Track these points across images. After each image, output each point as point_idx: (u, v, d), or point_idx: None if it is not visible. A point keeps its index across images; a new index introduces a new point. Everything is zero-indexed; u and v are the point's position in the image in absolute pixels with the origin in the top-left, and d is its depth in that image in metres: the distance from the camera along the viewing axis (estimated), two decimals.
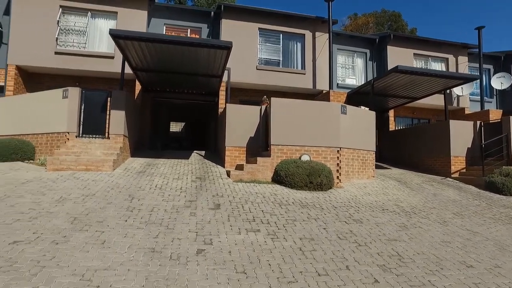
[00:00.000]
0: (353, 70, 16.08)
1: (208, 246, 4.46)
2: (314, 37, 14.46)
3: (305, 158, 8.99)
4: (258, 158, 8.74)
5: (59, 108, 9.05)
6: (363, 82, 15.95)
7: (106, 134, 9.30)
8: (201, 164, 10.05)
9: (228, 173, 8.86)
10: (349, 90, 13.89)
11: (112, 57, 12.15)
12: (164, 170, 8.88)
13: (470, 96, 16.97)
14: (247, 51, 13.43)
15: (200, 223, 5.29)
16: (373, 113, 10.83)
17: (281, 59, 14.13)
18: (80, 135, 9.14)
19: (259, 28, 13.79)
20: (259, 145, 10.07)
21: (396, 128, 16.37)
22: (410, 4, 63.55)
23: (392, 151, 14.62)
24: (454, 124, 11.81)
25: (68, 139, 8.91)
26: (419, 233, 5.88)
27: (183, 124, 26.19)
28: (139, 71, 10.49)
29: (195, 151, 12.67)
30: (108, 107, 9.25)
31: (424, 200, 8.53)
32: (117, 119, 9.17)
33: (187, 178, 8.16)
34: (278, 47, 14.17)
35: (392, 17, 33.22)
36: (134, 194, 6.50)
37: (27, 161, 9.08)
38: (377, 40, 15.90)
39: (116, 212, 5.43)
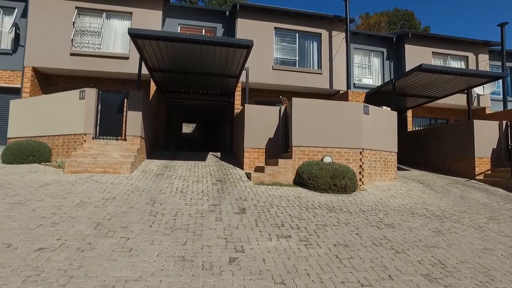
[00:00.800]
0: (369, 70, 15.72)
1: (240, 254, 4.20)
2: (330, 36, 14.16)
3: (327, 159, 8.70)
4: (279, 160, 8.47)
5: (76, 109, 8.91)
6: (379, 82, 15.61)
7: (123, 135, 9.13)
8: (218, 166, 9.83)
9: (248, 176, 8.61)
10: (368, 90, 13.52)
11: (127, 58, 12.02)
12: (183, 172, 8.67)
13: (491, 95, 16.46)
14: (263, 51, 13.18)
15: (227, 228, 5.04)
16: (395, 113, 10.49)
17: (297, 58, 13.85)
18: (97, 137, 8.98)
19: (275, 28, 13.54)
20: (278, 146, 9.81)
21: (414, 129, 15.96)
22: (423, 2, 62.51)
23: (410, 152, 14.21)
24: (478, 124, 11.38)
25: (84, 140, 8.76)
26: (457, 239, 5.54)
27: (193, 125, 26.06)
28: (155, 71, 10.32)
29: (210, 153, 12.45)
30: (125, 108, 9.08)
31: (452, 203, 8.16)
32: (134, 120, 8.99)
33: (207, 180, 7.93)
34: (294, 47, 13.89)
35: (405, 16, 32.68)
36: (155, 197, 6.28)
37: (44, 163, 8.96)
38: (394, 38, 15.52)
39: (139, 217, 5.21)
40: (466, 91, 12.57)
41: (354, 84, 15.00)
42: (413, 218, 6.58)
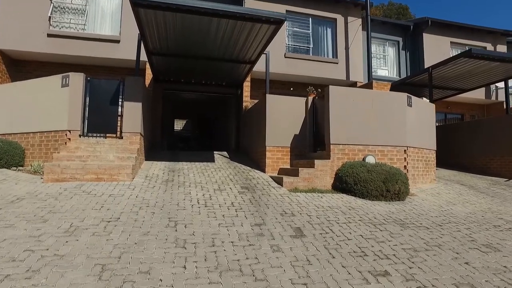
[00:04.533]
0: (384, 60, 14.41)
1: None
2: (346, 22, 12.73)
3: (370, 159, 7.22)
4: (316, 161, 6.91)
5: (57, 100, 7.03)
6: (395, 74, 14.37)
7: (118, 132, 7.33)
8: (233, 169, 8.16)
9: (277, 180, 7.01)
10: (393, 81, 12.19)
11: (117, 41, 10.13)
12: (195, 177, 6.97)
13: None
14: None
15: (296, 264, 3.42)
16: (433, 105, 9.17)
17: (311, 46, 12.32)
18: (85, 134, 7.15)
19: (286, 11, 11.93)
20: (305, 144, 8.25)
21: None
22: None
23: None
24: None
25: (69, 139, 6.90)
26: None
27: (184, 121, 24.12)
28: (155, 55, 8.52)
29: (215, 152, 10.74)
30: (120, 98, 7.28)
31: None
32: (132, 113, 7.20)
33: (230, 188, 6.26)
34: (308, 33, 12.36)
35: (400, 10, 31.92)
36: (174, 216, 4.57)
37: (15, 168, 7.02)
38: (411, 27, 14.26)
39: (163, 250, 3.52)
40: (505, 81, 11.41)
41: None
42: (503, 233, 5.18)
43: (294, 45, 12.23)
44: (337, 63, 12.43)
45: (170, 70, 9.93)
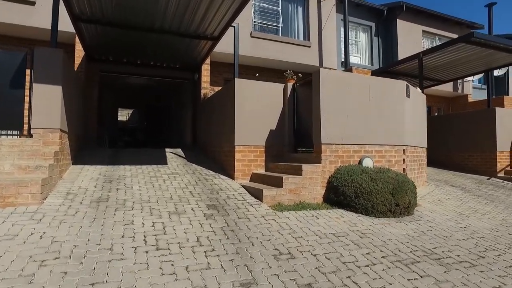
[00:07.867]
0: (357, 47, 13.25)
1: None
2: (319, 1, 11.23)
3: (367, 163, 5.81)
4: (304, 166, 5.31)
5: None
6: (367, 61, 13.31)
7: (25, 128, 5.08)
8: (192, 174, 6.31)
9: (253, 192, 5.29)
10: (371, 69, 11.03)
11: (32, 3, 7.59)
12: (141, 191, 5.00)
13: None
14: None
15: None
16: (425, 97, 8.06)
17: (281, 25, 10.66)
18: None
19: None
20: (284, 143, 6.63)
21: None
22: None
23: None
24: (500, 113, 9.56)
25: None
26: None
27: (130, 111, 21.28)
28: (85, 22, 6.23)
29: (167, 150, 8.72)
30: (28, 78, 5.02)
31: None
32: (47, 101, 4.97)
33: (192, 209, 4.42)
34: (277, 10, 10.66)
35: None
36: (102, 279, 2.66)
37: None
38: (385, 11, 13.20)
39: None
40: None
41: (342, 62, 12.37)
42: None
43: (261, 23, 10.47)
44: (310, 47, 10.93)
45: (107, 45, 7.64)
